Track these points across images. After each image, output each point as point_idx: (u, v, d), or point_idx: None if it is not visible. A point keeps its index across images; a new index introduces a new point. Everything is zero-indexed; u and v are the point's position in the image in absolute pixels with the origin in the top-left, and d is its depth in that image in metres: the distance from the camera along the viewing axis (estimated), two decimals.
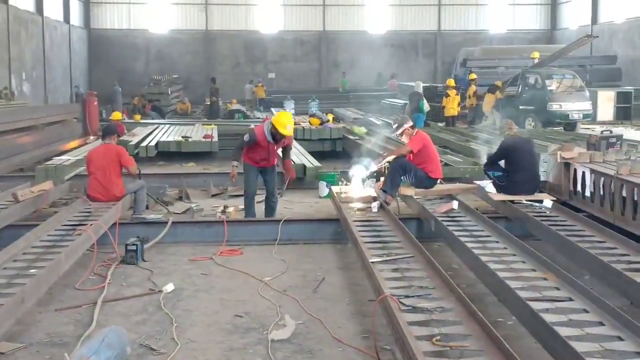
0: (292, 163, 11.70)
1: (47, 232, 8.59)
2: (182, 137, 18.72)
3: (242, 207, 11.73)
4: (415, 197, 10.47)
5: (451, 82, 26.37)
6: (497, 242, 8.20)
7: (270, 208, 10.82)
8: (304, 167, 13.47)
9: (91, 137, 20.85)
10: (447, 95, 25.70)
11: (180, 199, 12.58)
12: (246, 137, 10.47)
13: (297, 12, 44.89)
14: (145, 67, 43.02)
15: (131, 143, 17.32)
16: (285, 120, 10.35)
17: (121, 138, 17.59)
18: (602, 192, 9.72)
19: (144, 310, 6.97)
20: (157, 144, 17.65)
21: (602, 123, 27.01)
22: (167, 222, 9.81)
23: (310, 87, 39.87)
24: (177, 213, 11.27)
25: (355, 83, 40.71)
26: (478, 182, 11.19)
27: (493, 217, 9.58)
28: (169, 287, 7.55)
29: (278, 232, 9.56)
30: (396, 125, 11.02)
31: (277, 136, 10.28)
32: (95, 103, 22.99)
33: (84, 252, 8.35)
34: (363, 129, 20.56)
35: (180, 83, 40.13)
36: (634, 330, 5.31)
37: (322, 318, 6.63)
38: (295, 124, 20.83)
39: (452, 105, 25.47)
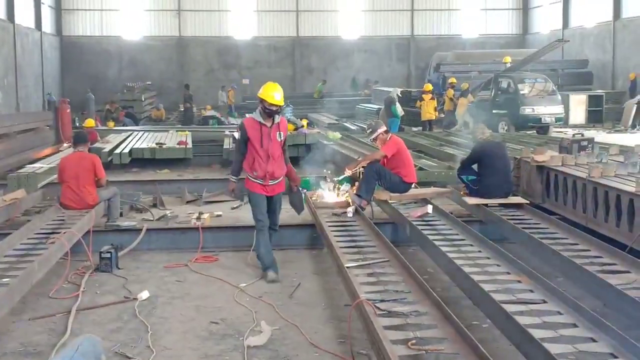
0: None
1: (20, 240, 8.50)
2: (156, 143, 18.63)
3: (218, 213, 11.75)
4: (390, 201, 10.50)
5: (428, 86, 26.46)
6: (471, 245, 8.25)
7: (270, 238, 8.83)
8: None
9: (64, 145, 20.65)
10: (422, 100, 25.82)
11: (154, 206, 12.52)
12: (237, 136, 8.90)
13: (270, 18, 44.89)
14: (118, 74, 42.78)
15: (105, 150, 17.21)
16: (270, 89, 8.44)
17: (94, 145, 17.60)
18: (574, 195, 9.81)
19: (118, 318, 6.93)
20: (130, 151, 17.55)
21: (574, 126, 27.26)
22: (141, 230, 9.77)
23: (285, 93, 39.72)
24: (151, 220, 11.21)
25: (330, 88, 40.77)
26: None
27: (467, 221, 9.64)
28: (144, 294, 7.52)
29: (253, 238, 9.53)
30: (370, 130, 11.05)
31: (267, 111, 8.32)
32: (68, 110, 22.78)
33: (58, 261, 8.28)
34: (337, 134, 20.60)
35: (153, 90, 39.94)
36: (607, 332, 5.36)
37: (298, 323, 6.63)
38: None
39: (428, 110, 25.58)
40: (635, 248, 8.01)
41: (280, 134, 8.41)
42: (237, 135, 8.69)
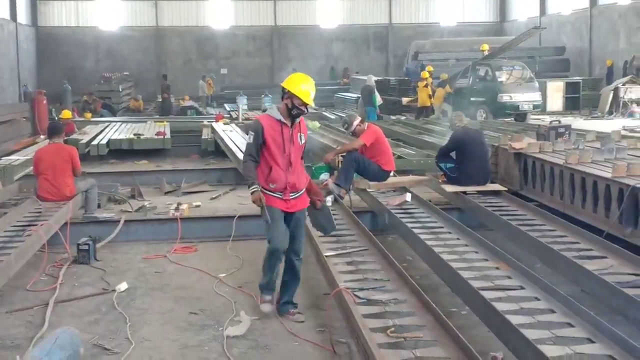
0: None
1: None
2: (134, 134, 18.54)
3: (196, 204, 11.71)
4: (368, 190, 10.52)
5: (425, 74, 26.33)
6: (450, 233, 8.29)
7: (293, 271, 6.71)
8: None
9: (41, 137, 20.50)
10: (416, 87, 25.74)
11: (132, 197, 12.46)
12: (250, 138, 6.53)
13: (248, 7, 44.70)
14: (95, 64, 42.46)
15: (82, 141, 17.09)
16: (305, 83, 6.57)
17: (71, 137, 17.48)
18: (551, 182, 9.86)
19: (97, 310, 6.90)
20: (108, 142, 17.44)
21: (552, 113, 27.36)
22: (119, 221, 9.72)
23: (263, 82, 39.74)
24: (129, 211, 11.14)
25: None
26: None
27: (446, 209, 9.67)
28: (122, 286, 7.49)
29: (232, 228, 9.52)
30: (346, 125, 11.07)
31: (296, 111, 6.50)
32: (44, 102, 22.61)
33: (35, 253, 8.23)
34: (317, 124, 20.59)
35: (131, 80, 39.69)
36: (584, 317, 5.41)
37: (278, 314, 6.62)
38: (247, 119, 20.86)
39: (422, 97, 25.47)
40: (611, 233, 8.07)
41: (301, 135, 6.66)
42: (250, 138, 6.52)
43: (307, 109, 6.55)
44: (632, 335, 5.23)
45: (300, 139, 6.62)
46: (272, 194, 6.50)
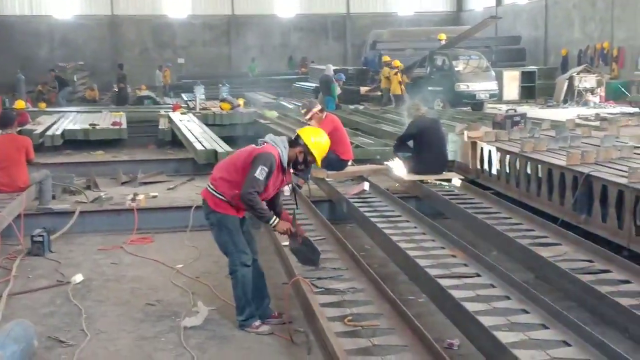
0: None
1: None
2: (90, 124, 18.29)
3: (153, 194, 11.60)
4: (326, 179, 10.52)
5: (397, 62, 26.30)
6: (407, 221, 8.32)
7: (260, 272, 6.37)
8: (215, 152, 13.35)
9: None
10: (377, 76, 25.70)
11: (88, 188, 12.30)
12: (262, 173, 5.83)
13: None
14: (49, 54, 41.75)
15: (36, 132, 16.80)
16: (325, 147, 6.28)
17: (25, 127, 17.19)
18: (507, 170, 9.96)
19: (51, 302, 6.82)
20: (63, 133, 17.19)
21: (508, 102, 27.65)
22: (74, 212, 9.59)
23: (221, 72, 39.49)
24: (85, 202, 11.00)
25: (266, 67, 40.56)
26: (386, 163, 11.26)
27: (403, 197, 9.71)
28: (78, 277, 7.40)
29: (190, 219, 9.45)
30: (305, 110, 11.04)
31: (300, 166, 6.27)
32: None
33: None
34: (274, 113, 20.52)
35: (86, 70, 39.15)
36: (539, 303, 5.47)
37: (234, 303, 6.59)
38: (205, 109, 20.72)
39: (394, 85, 25.39)
40: (566, 221, 8.18)
41: (288, 186, 6.69)
42: (263, 172, 5.82)
43: (310, 165, 6.40)
44: (585, 321, 5.31)
45: (284, 190, 6.49)
46: (226, 202, 6.00)
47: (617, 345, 4.73)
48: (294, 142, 6.17)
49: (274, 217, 6.12)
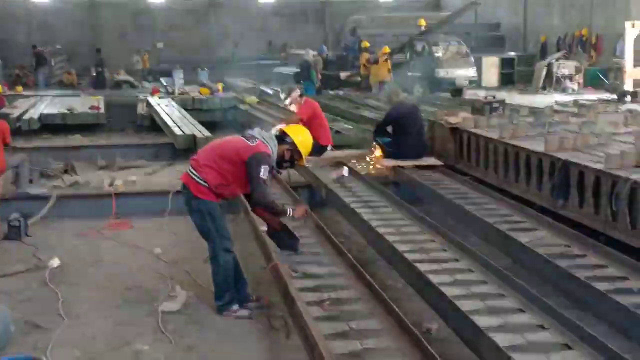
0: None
1: None
2: (67, 109, 18.14)
3: (132, 179, 11.53)
4: (306, 164, 10.49)
5: (386, 49, 26.20)
6: (386, 207, 8.33)
7: (236, 260, 6.29)
8: (194, 137, 13.29)
9: None
10: (376, 62, 25.56)
11: (66, 172, 12.21)
12: (265, 173, 5.91)
13: None
14: (27, 38, 41.20)
15: (13, 116, 16.64)
16: (311, 142, 6.42)
17: (2, 110, 17.02)
18: (486, 156, 9.99)
19: (28, 287, 6.78)
20: (40, 117, 17.05)
21: (487, 89, 27.69)
22: (51, 197, 9.52)
23: (200, 57, 39.26)
24: (62, 187, 10.92)
25: (246, 52, 40.34)
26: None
27: (383, 183, 9.72)
28: (55, 262, 7.35)
29: (168, 204, 9.40)
30: (284, 94, 11.01)
31: (286, 164, 6.45)
32: None
33: None
34: (254, 98, 20.45)
35: (64, 54, 38.77)
36: (516, 288, 5.50)
37: (213, 288, 6.57)
38: (184, 94, 20.63)
39: (382, 71, 25.23)
40: (544, 206, 8.23)
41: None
42: (265, 171, 5.88)
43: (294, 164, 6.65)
44: (561, 305, 5.35)
45: None
46: (209, 188, 5.95)
47: (593, 328, 4.77)
48: (281, 139, 6.22)
49: (290, 207, 6.36)
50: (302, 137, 6.30)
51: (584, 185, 7.71)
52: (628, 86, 20.75)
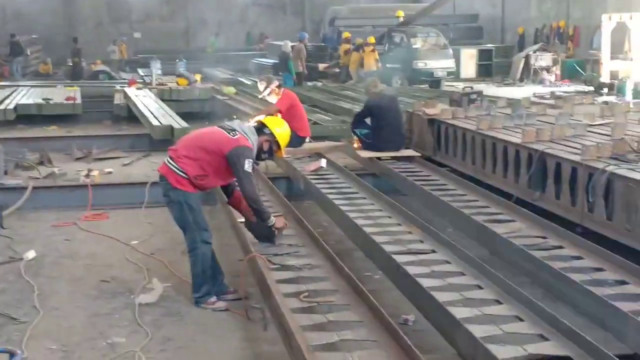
0: None
1: None
2: (43, 99, 17.97)
3: (108, 170, 11.46)
4: (284, 156, 10.46)
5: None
6: (364, 198, 8.33)
7: (212, 252, 6.30)
8: (172, 128, 13.21)
9: None
10: (362, 51, 25.49)
11: (41, 163, 12.11)
12: (250, 166, 5.96)
13: None
14: (1, 27, 40.87)
15: None
16: (287, 134, 6.47)
17: None
18: (464, 147, 10.01)
19: (3, 279, 6.74)
20: (15, 107, 16.87)
21: (465, 80, 27.78)
22: (27, 188, 9.44)
23: (178, 47, 39.06)
24: (38, 178, 10.83)
25: (224, 43, 40.16)
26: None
27: (361, 174, 9.72)
28: (30, 254, 7.30)
29: (145, 195, 9.35)
30: (263, 85, 10.97)
31: (265, 155, 6.43)
32: None
33: None
34: (232, 89, 20.36)
35: (39, 43, 38.41)
36: (493, 279, 5.52)
37: (190, 280, 6.55)
38: (161, 84, 20.49)
39: (368, 61, 25.14)
40: (521, 198, 8.27)
41: None
42: (248, 164, 5.88)
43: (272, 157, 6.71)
44: (537, 296, 5.38)
45: None
46: (188, 179, 5.93)
47: (569, 320, 4.79)
48: (260, 131, 6.23)
49: (272, 217, 6.34)
50: (280, 129, 6.32)
51: (560, 177, 7.75)
52: (605, 78, 20.91)
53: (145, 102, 16.55)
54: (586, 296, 5.28)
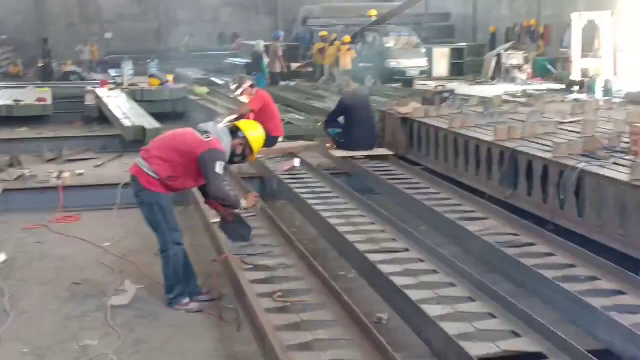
0: None
1: None
2: (14, 100, 17.78)
3: (79, 172, 11.36)
4: (257, 155, 10.44)
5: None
6: (338, 197, 8.34)
7: (185, 253, 6.20)
8: (144, 129, 13.13)
9: None
10: (339, 50, 25.47)
11: (11, 165, 11.97)
12: (221, 168, 5.89)
13: None
14: None
15: None
16: (263, 139, 6.50)
17: None
18: (436, 146, 10.05)
19: None
20: None
21: (438, 79, 27.88)
22: None
23: (150, 47, 38.84)
24: (8, 180, 10.71)
25: (197, 43, 40.00)
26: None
27: (334, 174, 9.72)
28: (1, 257, 7.21)
29: (118, 197, 9.28)
30: (236, 85, 10.95)
31: (238, 158, 6.33)
32: None
33: None
34: (205, 89, 20.29)
35: (9, 44, 38.03)
36: (466, 277, 5.55)
37: (163, 282, 6.50)
38: (133, 85, 20.37)
39: (345, 61, 25.08)
40: (493, 195, 8.31)
41: None
42: (219, 166, 5.81)
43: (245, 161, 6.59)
44: (510, 293, 5.40)
45: None
46: (159, 180, 5.88)
47: (541, 316, 4.82)
48: (234, 134, 6.17)
49: (243, 200, 6.37)
50: (254, 133, 6.25)
51: (532, 174, 7.80)
52: (575, 76, 21.10)
53: (117, 102, 16.44)
54: (558, 292, 5.32)
